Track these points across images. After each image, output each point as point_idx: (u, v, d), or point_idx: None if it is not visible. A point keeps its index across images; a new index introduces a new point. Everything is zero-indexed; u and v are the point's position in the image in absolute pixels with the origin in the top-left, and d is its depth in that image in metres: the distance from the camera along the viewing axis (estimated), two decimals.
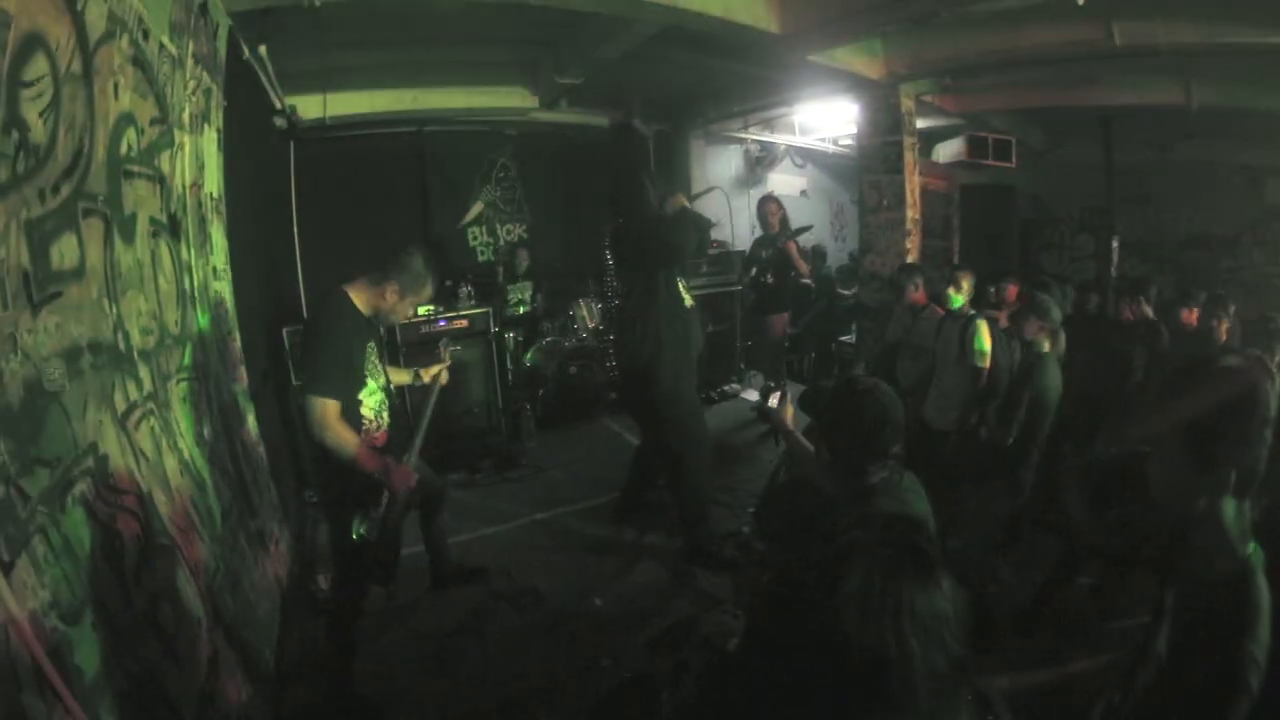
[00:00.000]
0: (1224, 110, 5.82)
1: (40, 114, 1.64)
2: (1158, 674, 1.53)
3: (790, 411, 2.52)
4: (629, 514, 4.39)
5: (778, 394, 2.56)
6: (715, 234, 8.76)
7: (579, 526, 4.52)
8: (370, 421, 2.78)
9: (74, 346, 1.75)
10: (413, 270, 2.75)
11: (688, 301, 3.90)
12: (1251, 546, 1.51)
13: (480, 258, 7.99)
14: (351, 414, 2.68)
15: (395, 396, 3.04)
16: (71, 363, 1.72)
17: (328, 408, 2.56)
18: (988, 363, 4.06)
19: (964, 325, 4.16)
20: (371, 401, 2.78)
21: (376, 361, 2.86)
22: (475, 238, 8.08)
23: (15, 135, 1.53)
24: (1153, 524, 1.64)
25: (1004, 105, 6.91)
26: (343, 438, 2.58)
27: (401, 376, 3.34)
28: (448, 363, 3.43)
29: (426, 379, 3.34)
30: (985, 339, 4.07)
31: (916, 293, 4.78)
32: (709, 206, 4.24)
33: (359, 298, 2.74)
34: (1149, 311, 4.43)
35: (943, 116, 7.03)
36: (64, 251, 1.74)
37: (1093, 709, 1.89)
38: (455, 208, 7.89)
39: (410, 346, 5.23)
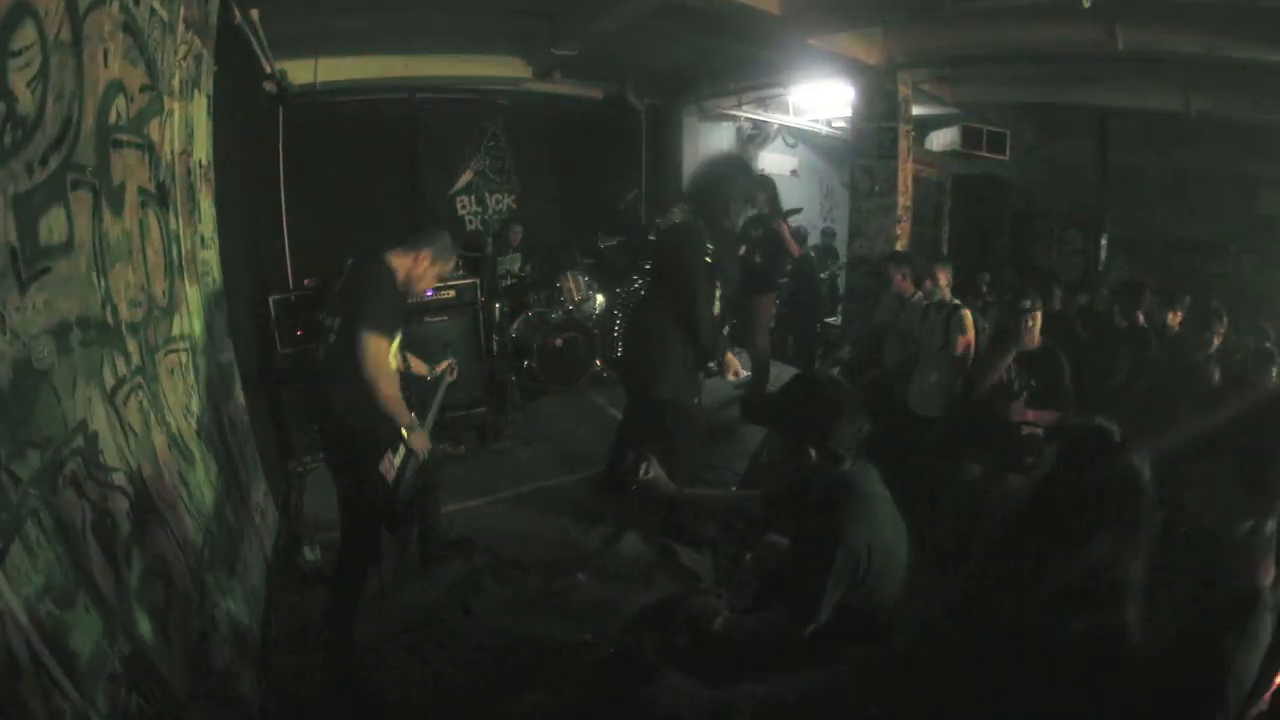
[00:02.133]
0: (1221, 120, 5.81)
1: (28, 84, 1.59)
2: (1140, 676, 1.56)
3: (662, 475, 2.51)
4: (613, 488, 4.43)
5: (646, 463, 2.46)
6: None
7: (563, 500, 4.54)
8: None
9: (63, 323, 1.72)
10: (442, 242, 3.00)
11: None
12: (1271, 576, 1.48)
13: (468, 227, 7.92)
14: None
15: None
16: (60, 340, 1.69)
17: (381, 346, 2.66)
18: (972, 353, 4.10)
19: (948, 315, 4.19)
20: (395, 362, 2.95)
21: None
22: (464, 206, 8.00)
23: (3, 106, 1.49)
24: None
25: (1001, 98, 6.88)
26: (389, 380, 2.70)
27: (421, 368, 3.49)
28: (451, 360, 3.62)
29: (439, 372, 3.55)
30: (969, 330, 4.10)
31: (905, 280, 4.81)
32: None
33: (395, 264, 2.88)
34: (1140, 317, 4.46)
35: (938, 105, 7.00)
36: (52, 226, 1.71)
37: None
38: (445, 176, 7.79)
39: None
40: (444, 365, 3.57)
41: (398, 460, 2.92)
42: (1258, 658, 1.43)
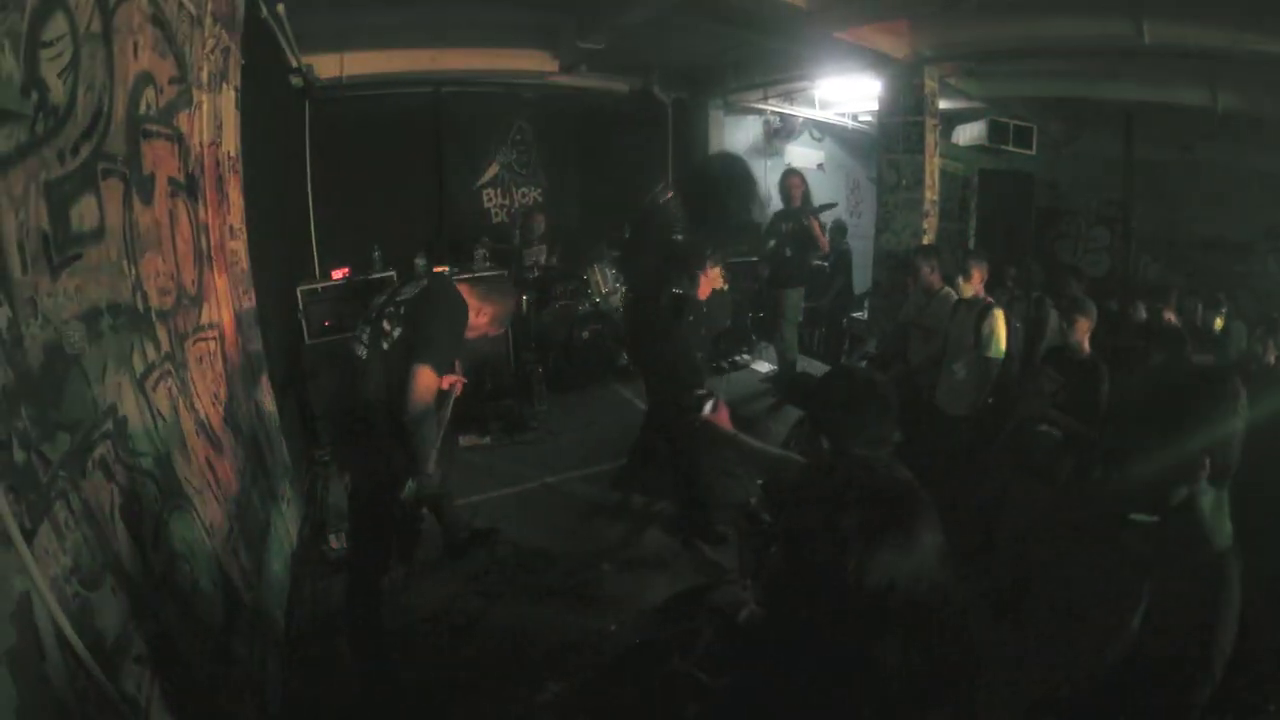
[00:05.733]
0: (1249, 116, 5.69)
1: (60, 74, 1.62)
2: (1128, 651, 1.54)
3: (725, 415, 2.41)
4: (636, 480, 4.42)
5: (711, 401, 2.40)
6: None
7: (587, 491, 4.57)
8: None
9: (93, 309, 1.75)
10: (503, 288, 3.00)
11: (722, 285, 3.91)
12: (1228, 541, 1.49)
13: (494, 220, 7.95)
14: None
15: None
16: (91, 325, 1.72)
17: (433, 382, 2.61)
18: (1003, 354, 4.04)
19: (979, 314, 4.11)
20: None
21: None
22: (490, 199, 8.02)
23: (35, 96, 1.51)
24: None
25: (1027, 92, 6.77)
26: (427, 418, 2.62)
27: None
28: (461, 377, 3.28)
29: (444, 386, 3.08)
30: (1001, 331, 4.03)
31: (932, 274, 4.74)
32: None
33: (468, 299, 2.82)
34: (1172, 317, 4.36)
35: (964, 99, 6.90)
36: (83, 213, 1.74)
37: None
38: (471, 169, 7.80)
39: None
40: (451, 380, 3.17)
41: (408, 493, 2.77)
42: (1234, 623, 1.42)
